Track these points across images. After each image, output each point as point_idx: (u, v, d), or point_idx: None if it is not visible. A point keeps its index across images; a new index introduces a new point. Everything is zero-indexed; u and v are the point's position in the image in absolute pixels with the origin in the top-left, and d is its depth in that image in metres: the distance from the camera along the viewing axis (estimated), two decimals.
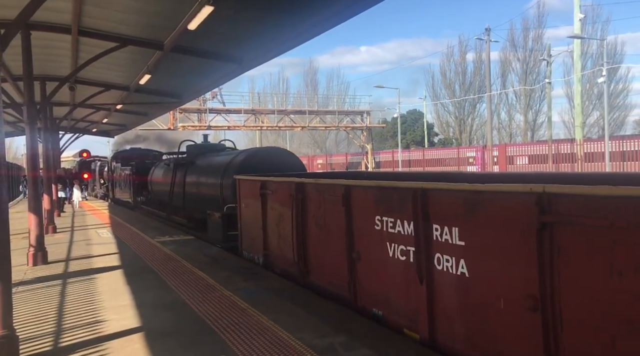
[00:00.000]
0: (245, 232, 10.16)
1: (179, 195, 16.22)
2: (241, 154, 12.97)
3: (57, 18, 10.51)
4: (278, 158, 12.46)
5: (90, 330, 5.83)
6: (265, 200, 8.91)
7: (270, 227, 8.86)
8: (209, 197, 13.27)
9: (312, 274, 7.51)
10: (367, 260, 6.11)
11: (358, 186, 6.33)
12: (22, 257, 10.18)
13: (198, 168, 15.02)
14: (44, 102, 14.36)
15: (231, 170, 11.91)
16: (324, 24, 9.47)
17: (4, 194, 5.07)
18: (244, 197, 9.99)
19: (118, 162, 28.48)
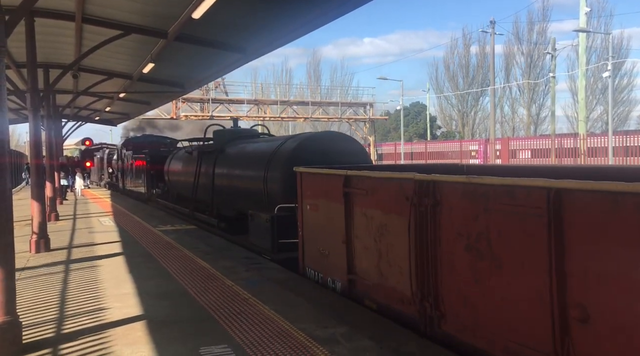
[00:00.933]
0: (310, 244, 7.60)
1: (206, 188, 13.77)
2: (290, 141, 10.37)
3: (61, 5, 10.47)
4: (338, 145, 9.92)
5: (92, 318, 5.85)
6: (352, 203, 6.40)
7: (362, 241, 6.21)
8: (248, 193, 11.12)
9: (448, 321, 4.87)
10: (608, 323, 3.43)
11: (590, 191, 3.56)
12: (24, 244, 10.21)
13: (231, 158, 12.64)
14: (47, 90, 14.33)
15: (278, 160, 9.84)
16: (329, 14, 9.41)
17: (7, 181, 5.07)
18: (311, 197, 7.51)
19: (129, 150, 25.83)
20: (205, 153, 14.18)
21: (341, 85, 68.73)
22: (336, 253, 6.74)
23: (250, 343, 4.91)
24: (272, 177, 9.92)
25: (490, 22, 43.29)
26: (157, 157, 20.91)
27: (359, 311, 5.87)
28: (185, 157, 16.57)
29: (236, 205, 12.19)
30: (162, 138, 27.80)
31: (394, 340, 4.91)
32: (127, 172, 26.32)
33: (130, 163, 25.02)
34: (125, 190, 26.65)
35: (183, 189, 16.78)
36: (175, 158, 18.06)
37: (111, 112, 28.79)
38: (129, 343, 5.01)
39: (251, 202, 10.77)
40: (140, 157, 22.63)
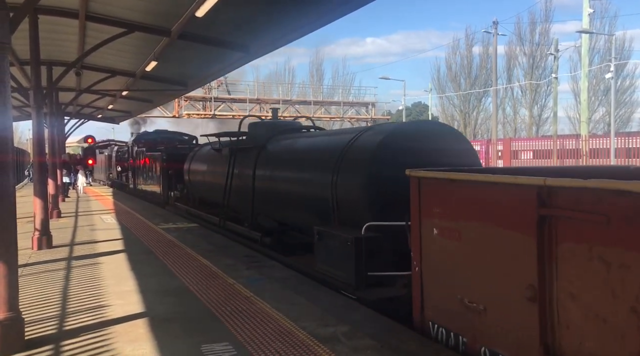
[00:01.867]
0: (439, 288, 5.05)
1: (242, 194, 11.20)
2: (369, 134, 7.74)
3: (64, 2, 10.50)
4: (437, 141, 7.30)
5: (94, 314, 5.87)
6: (558, 236, 3.72)
7: (583, 304, 3.57)
8: (308, 204, 8.65)
9: None
10: None
11: None
12: (26, 240, 10.23)
13: (277, 157, 10.13)
14: (50, 87, 14.37)
15: (356, 159, 7.36)
16: (332, 13, 9.43)
17: (10, 179, 5.08)
18: (444, 216, 4.96)
19: (141, 147, 23.39)
20: (241, 151, 11.62)
21: (343, 85, 68.73)
22: (509, 312, 4.14)
23: (252, 341, 4.92)
24: (346, 183, 7.39)
25: (493, 23, 43.32)
26: (175, 155, 18.51)
27: (360, 311, 5.87)
28: (212, 156, 13.99)
29: (289, 216, 9.85)
30: (177, 134, 25.18)
31: (395, 338, 4.92)
32: (139, 170, 23.82)
33: (144, 162, 22.42)
34: (137, 190, 24.22)
35: (208, 193, 14.60)
36: (199, 156, 15.54)
37: (113, 109, 28.86)
38: (131, 340, 5.02)
39: (312, 215, 8.44)
40: (155, 155, 20.17)
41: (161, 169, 18.99)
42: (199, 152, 15.84)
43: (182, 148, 19.32)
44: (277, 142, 10.56)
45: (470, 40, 63.14)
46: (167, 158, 18.67)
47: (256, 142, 11.00)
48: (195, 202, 16.24)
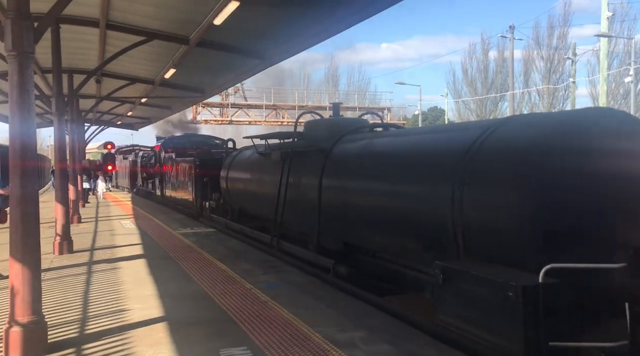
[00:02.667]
0: None
1: (301, 208, 9.22)
2: (516, 129, 5.41)
3: (86, 12, 10.70)
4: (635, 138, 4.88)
5: (114, 319, 5.96)
6: None
7: None
8: (404, 226, 6.39)
9: None
10: None
11: None
12: (48, 245, 10.39)
13: (354, 162, 7.85)
14: (71, 95, 14.62)
15: (495, 167, 5.12)
16: (349, 19, 9.49)
17: (34, 186, 5.20)
18: None
19: (170, 152, 21.38)
20: (299, 156, 9.50)
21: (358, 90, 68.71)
22: None
23: (269, 346, 4.96)
24: (485, 201, 5.08)
25: (510, 27, 43.01)
26: (209, 161, 16.50)
27: (378, 316, 5.88)
28: (256, 161, 11.82)
29: (360, 237, 7.84)
30: (207, 138, 23.33)
31: (412, 343, 4.92)
32: (168, 178, 21.52)
33: (173, 168, 20.25)
34: (165, 198, 22.02)
35: (252, 204, 12.67)
36: (239, 161, 13.44)
37: (133, 116, 29.21)
38: (151, 344, 5.09)
39: (402, 239, 6.55)
40: (187, 161, 18.13)
41: (194, 176, 16.86)
42: (239, 156, 13.70)
43: (217, 153, 17.31)
44: (349, 144, 8.26)
45: (486, 45, 62.82)
46: (200, 164, 16.64)
47: (318, 144, 8.83)
48: (234, 214, 14.27)
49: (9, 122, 5.05)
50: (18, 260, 4.90)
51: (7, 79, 5.09)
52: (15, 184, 4.98)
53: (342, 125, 9.35)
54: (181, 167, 18.90)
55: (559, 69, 56.72)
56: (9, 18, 4.90)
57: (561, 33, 56.55)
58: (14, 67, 4.97)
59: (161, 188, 23.13)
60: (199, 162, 16.77)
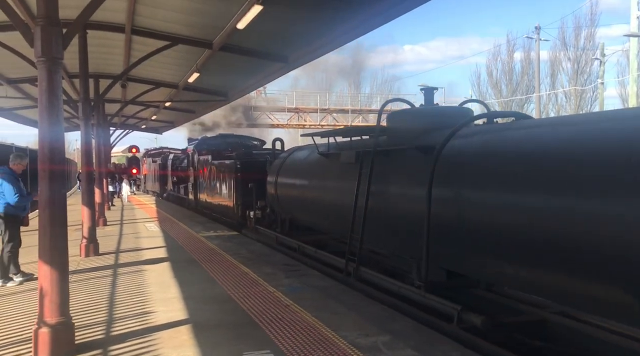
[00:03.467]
0: None
1: (394, 225, 7.27)
2: None
3: (112, 17, 10.89)
4: None
5: (139, 321, 6.02)
6: None
7: None
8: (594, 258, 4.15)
9: None
10: None
11: None
12: (75, 248, 10.55)
13: (482, 164, 5.70)
14: (97, 99, 14.87)
15: None
16: (371, 21, 9.46)
17: (62, 190, 5.29)
18: None
19: (205, 154, 19.55)
20: (386, 156, 7.35)
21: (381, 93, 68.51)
22: None
23: (292, 350, 4.95)
24: None
25: (535, 28, 42.42)
26: (253, 164, 14.63)
27: (402, 321, 5.83)
28: (317, 164, 9.80)
29: (480, 265, 5.88)
30: (245, 138, 21.16)
31: (437, 349, 4.86)
32: (203, 182, 19.35)
33: (209, 172, 18.14)
34: (200, 204, 20.07)
35: (310, 216, 10.65)
36: (292, 164, 11.45)
37: (157, 120, 29.60)
38: (175, 346, 5.13)
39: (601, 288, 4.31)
40: (225, 163, 16.17)
41: (235, 181, 14.87)
42: (292, 158, 11.75)
43: (260, 155, 15.55)
44: (468, 139, 6.11)
45: (511, 46, 62.07)
46: (242, 167, 14.76)
47: (417, 140, 6.69)
48: (283, 225, 12.39)
49: (38, 127, 5.15)
50: (46, 262, 4.99)
51: (37, 84, 5.19)
52: (43, 188, 5.07)
53: (448, 115, 7.15)
54: (219, 171, 16.78)
55: (587, 70, 55.73)
56: (38, 25, 5.00)
57: (588, 33, 55.58)
58: (43, 73, 5.07)
59: (195, 193, 21.02)
60: (240, 165, 14.86)
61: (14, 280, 8.17)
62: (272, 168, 12.48)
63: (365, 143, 8.29)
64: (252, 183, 13.59)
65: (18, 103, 20.33)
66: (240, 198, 14.68)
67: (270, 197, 12.60)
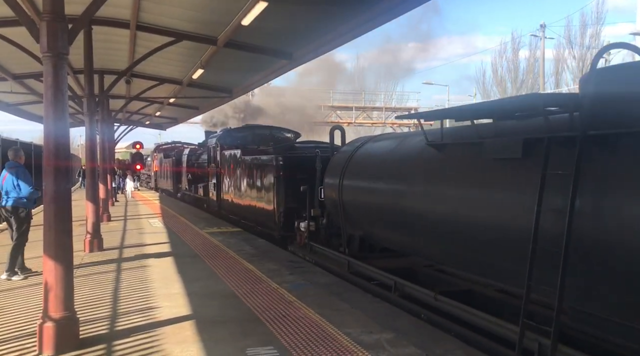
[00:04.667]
0: None
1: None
2: None
3: (117, 13, 10.90)
4: None
5: (143, 316, 6.04)
6: None
7: None
8: None
9: None
10: None
11: None
12: (79, 243, 10.59)
13: None
14: (102, 95, 14.90)
15: None
16: (377, 19, 9.44)
17: (67, 185, 5.31)
18: None
19: (230, 149, 16.14)
20: (607, 145, 4.18)
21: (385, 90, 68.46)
22: None
23: (296, 346, 4.96)
24: None
25: (540, 26, 42.30)
26: (298, 160, 11.58)
27: (405, 318, 5.84)
28: (424, 158, 6.75)
29: None
30: (276, 130, 17.57)
31: (440, 347, 4.86)
32: (230, 182, 15.73)
33: (238, 170, 14.80)
34: (224, 208, 16.75)
35: (408, 237, 7.28)
36: (367, 160, 8.47)
37: (161, 116, 29.63)
38: (179, 342, 5.15)
39: None
40: (262, 160, 12.90)
41: (276, 182, 11.67)
42: (364, 152, 8.69)
43: (306, 149, 12.44)
44: None
45: (517, 44, 61.85)
46: (286, 164, 11.65)
47: None
48: (353, 244, 8.91)
49: (43, 122, 5.16)
50: (51, 257, 5.01)
51: (42, 79, 5.20)
52: (49, 183, 5.08)
53: None
54: (253, 169, 13.40)
55: None
56: (44, 20, 5.01)
57: (594, 31, 55.34)
58: (48, 68, 5.08)
59: (218, 194, 17.36)
60: (283, 162, 11.68)
61: (19, 274, 8.21)
62: (332, 166, 9.32)
63: (531, 127, 5.04)
64: (300, 185, 10.41)
65: (23, 99, 20.38)
66: (283, 203, 11.53)
67: (330, 205, 9.40)
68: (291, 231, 11.18)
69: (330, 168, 9.47)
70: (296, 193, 10.63)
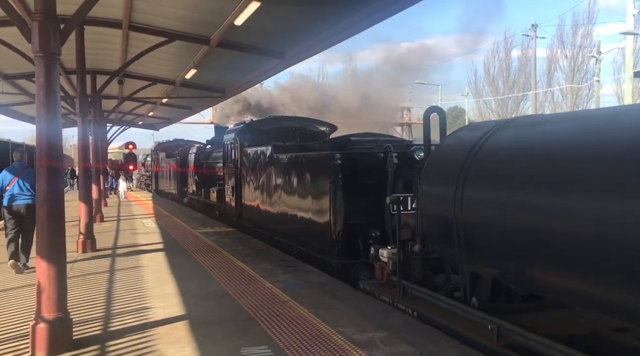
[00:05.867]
0: None
1: None
2: None
3: (109, 13, 10.87)
4: None
5: (137, 316, 6.03)
6: None
7: None
8: None
9: None
10: None
11: None
12: (72, 244, 10.53)
13: None
14: (94, 95, 14.84)
15: None
16: (370, 19, 9.47)
17: (60, 185, 5.29)
18: None
19: (250, 145, 13.41)
20: None
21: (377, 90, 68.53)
22: None
23: (290, 345, 4.98)
24: None
25: (532, 26, 42.53)
26: (365, 159, 8.51)
27: (398, 316, 5.86)
28: None
29: None
30: (307, 122, 14.22)
31: (434, 345, 4.89)
32: (254, 185, 12.53)
33: (269, 170, 11.43)
34: (247, 218, 13.43)
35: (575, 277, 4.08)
36: (500, 158, 5.09)
37: (154, 116, 29.55)
38: (173, 342, 5.14)
39: None
40: (310, 159, 9.72)
41: (333, 190, 8.44)
42: (499, 144, 5.19)
43: (365, 144, 9.23)
44: None
45: (509, 44, 62.08)
46: (348, 164, 8.40)
47: None
48: (482, 288, 5.41)
49: (35, 123, 5.14)
50: (44, 258, 4.99)
51: (34, 80, 5.18)
52: (41, 183, 5.07)
53: None
54: (292, 170, 10.16)
55: (583, 68, 55.82)
56: (36, 20, 4.99)
57: (585, 31, 55.66)
58: (40, 69, 5.06)
59: (238, 201, 13.93)
60: (344, 161, 8.36)
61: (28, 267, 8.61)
62: (438, 166, 5.99)
63: None
64: (371, 191, 7.93)
65: (15, 99, 20.27)
66: (344, 218, 8.24)
67: (433, 225, 6.03)
68: (355, 258, 8.14)
69: (434, 169, 6.02)
70: (363, 205, 8.01)
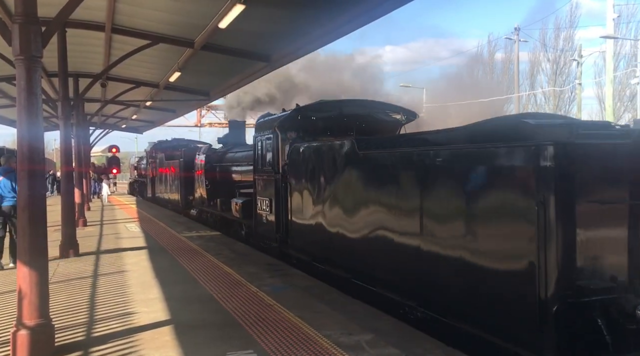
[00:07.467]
0: None
1: None
2: None
3: (92, 16, 10.76)
4: None
5: (121, 322, 5.97)
6: None
7: None
8: None
9: None
10: None
11: None
12: (54, 249, 10.41)
13: None
14: (77, 99, 14.68)
15: None
16: (354, 22, 9.47)
17: (41, 188, 5.22)
18: None
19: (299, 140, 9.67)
20: None
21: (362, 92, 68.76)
22: None
23: (276, 349, 4.96)
24: None
25: (515, 29, 42.96)
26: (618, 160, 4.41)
27: (384, 319, 5.87)
28: None
29: None
30: (376, 107, 10.55)
31: (419, 347, 4.90)
32: (316, 198, 8.36)
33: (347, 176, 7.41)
34: (297, 243, 9.26)
35: None
36: None
37: (137, 119, 29.30)
38: (157, 347, 5.10)
39: None
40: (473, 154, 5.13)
41: (543, 214, 4.19)
42: None
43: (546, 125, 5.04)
44: None
45: (492, 47, 62.68)
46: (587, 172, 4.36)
47: None
48: None
49: (16, 126, 5.07)
50: (25, 263, 4.92)
51: (15, 83, 5.11)
52: (23, 188, 5.00)
53: None
54: (410, 179, 6.09)
55: (565, 71, 56.57)
56: (16, 23, 4.92)
57: (568, 35, 56.41)
58: (21, 72, 4.99)
59: (280, 219, 9.78)
60: (584, 164, 4.36)
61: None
62: None
63: None
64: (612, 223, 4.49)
65: None
66: (568, 276, 4.26)
67: None
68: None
69: None
70: (611, 249, 4.52)
